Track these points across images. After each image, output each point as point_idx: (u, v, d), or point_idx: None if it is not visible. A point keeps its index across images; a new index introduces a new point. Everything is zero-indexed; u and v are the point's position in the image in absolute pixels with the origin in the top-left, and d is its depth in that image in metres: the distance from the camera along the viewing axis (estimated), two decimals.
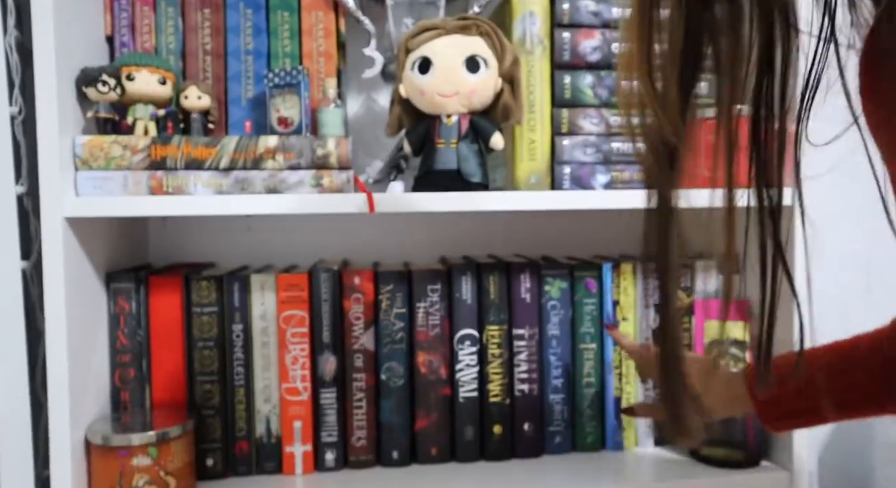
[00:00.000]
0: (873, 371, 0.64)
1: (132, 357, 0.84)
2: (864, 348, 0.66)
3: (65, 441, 0.73)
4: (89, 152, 0.75)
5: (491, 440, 0.91)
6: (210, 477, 0.85)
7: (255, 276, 0.86)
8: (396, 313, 0.88)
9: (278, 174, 0.78)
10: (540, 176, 0.87)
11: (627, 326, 0.94)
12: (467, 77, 0.79)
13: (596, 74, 0.88)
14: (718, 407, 0.72)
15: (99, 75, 0.76)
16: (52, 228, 0.72)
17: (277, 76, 0.82)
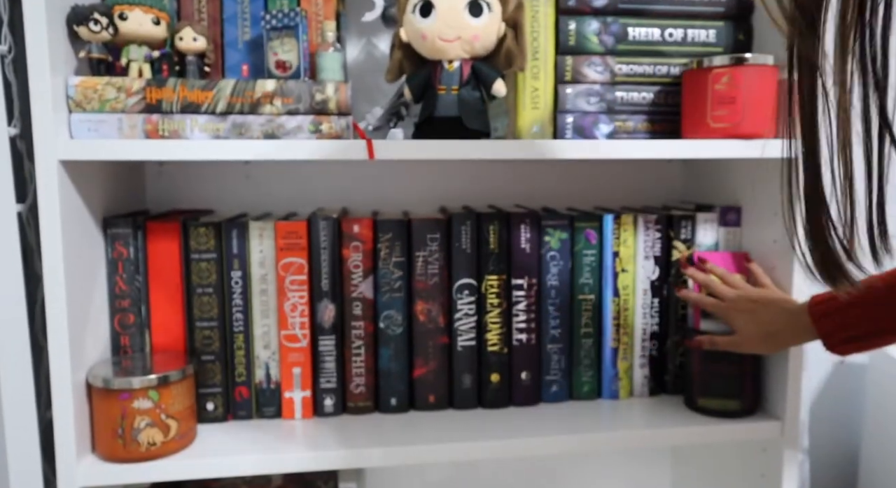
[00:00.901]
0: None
1: (131, 302, 0.84)
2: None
3: (66, 383, 0.73)
4: (82, 94, 0.74)
5: (488, 388, 0.92)
6: (211, 421, 0.87)
7: (253, 223, 0.86)
8: (395, 262, 0.88)
9: (276, 119, 0.77)
10: (542, 125, 0.86)
11: (627, 278, 0.94)
12: (470, 21, 0.77)
13: (602, 20, 0.85)
14: (788, 340, 0.81)
15: (90, 14, 0.74)
16: (47, 171, 0.71)
17: (275, 18, 0.80)
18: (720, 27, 0.88)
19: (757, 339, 0.83)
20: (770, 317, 0.82)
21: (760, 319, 0.82)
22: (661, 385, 0.98)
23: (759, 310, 0.83)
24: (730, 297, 0.86)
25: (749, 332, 0.83)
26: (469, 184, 1.08)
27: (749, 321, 0.83)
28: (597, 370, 0.95)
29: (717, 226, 0.97)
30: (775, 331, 0.81)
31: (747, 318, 0.83)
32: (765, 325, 0.82)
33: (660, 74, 0.88)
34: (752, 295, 0.85)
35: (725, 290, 0.87)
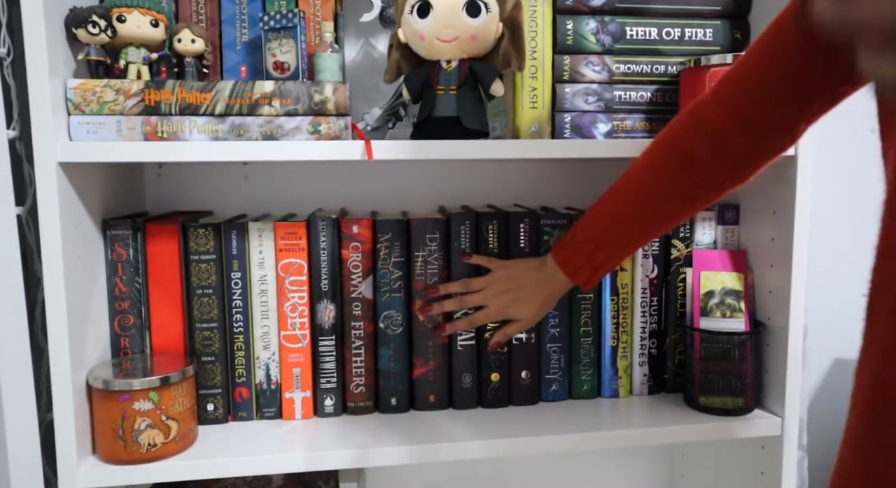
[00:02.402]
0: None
1: (131, 304, 0.84)
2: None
3: (66, 385, 0.73)
4: (81, 96, 0.74)
5: (488, 387, 0.93)
6: (211, 422, 0.87)
7: (252, 224, 0.86)
8: (395, 262, 0.88)
9: (275, 120, 0.77)
10: (541, 124, 0.86)
11: (625, 277, 0.94)
12: (468, 21, 0.77)
13: (599, 20, 0.86)
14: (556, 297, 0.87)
15: (89, 16, 0.74)
16: (46, 173, 0.71)
17: (273, 19, 0.80)
18: (717, 26, 0.88)
19: (538, 315, 0.88)
20: (533, 292, 0.86)
21: (527, 299, 0.86)
22: (661, 383, 0.98)
23: (519, 292, 0.86)
24: (489, 298, 0.86)
25: (529, 315, 0.87)
26: (468, 184, 1.08)
27: (521, 307, 0.86)
28: (596, 369, 0.96)
29: (716, 224, 0.97)
30: (545, 300, 0.86)
31: (519, 306, 0.86)
32: (533, 301, 0.86)
33: (657, 73, 0.88)
34: (502, 281, 0.87)
35: (478, 297, 0.87)
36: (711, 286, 0.93)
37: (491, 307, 0.87)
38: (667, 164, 0.74)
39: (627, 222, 0.78)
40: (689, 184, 0.74)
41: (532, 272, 0.86)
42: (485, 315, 0.87)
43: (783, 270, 0.88)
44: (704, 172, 0.72)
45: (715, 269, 0.94)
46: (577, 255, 0.81)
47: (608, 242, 0.79)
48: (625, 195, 0.77)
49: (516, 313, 0.87)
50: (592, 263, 0.80)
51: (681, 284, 0.96)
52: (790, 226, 0.86)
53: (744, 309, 0.91)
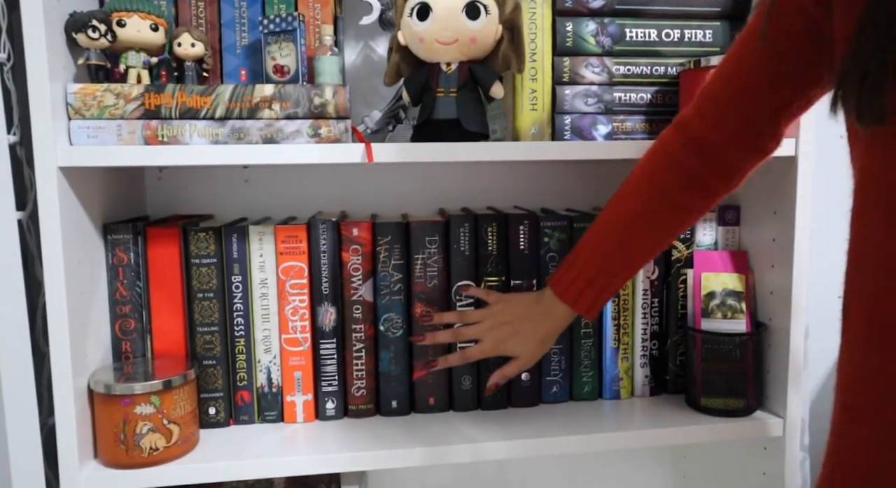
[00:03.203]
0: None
1: (132, 308, 0.84)
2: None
3: (68, 389, 0.73)
4: (81, 101, 0.74)
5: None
6: (213, 426, 0.87)
7: (253, 228, 0.86)
8: (395, 264, 0.88)
9: (275, 123, 0.77)
10: (540, 126, 0.86)
11: None
12: (467, 23, 0.77)
13: (599, 22, 0.86)
14: (556, 331, 0.82)
15: (88, 21, 0.74)
16: (47, 178, 0.71)
17: (272, 22, 0.80)
18: (717, 27, 0.88)
19: (537, 352, 0.83)
20: (532, 326, 0.82)
21: (526, 334, 0.82)
22: (662, 384, 0.98)
23: (518, 325, 0.82)
24: (485, 331, 0.83)
25: (527, 351, 0.82)
26: (467, 186, 1.08)
27: (519, 342, 0.82)
28: (597, 370, 0.96)
29: (716, 225, 0.97)
30: (544, 335, 0.82)
31: (517, 341, 0.82)
32: (532, 336, 0.82)
33: (657, 75, 0.88)
34: (499, 314, 0.84)
35: (474, 330, 0.84)
36: (712, 287, 0.93)
37: (487, 341, 0.83)
38: (660, 180, 0.74)
39: (628, 242, 0.76)
40: (684, 196, 0.74)
41: (531, 305, 0.82)
42: (480, 350, 0.84)
43: (784, 271, 0.88)
44: (698, 184, 0.73)
45: (716, 270, 0.94)
46: (577, 282, 0.78)
47: (610, 265, 0.77)
48: (622, 215, 0.76)
49: (514, 348, 0.83)
50: (595, 289, 0.78)
51: (682, 285, 0.96)
52: (791, 226, 0.86)
53: (745, 310, 0.91)
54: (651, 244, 0.78)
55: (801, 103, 0.67)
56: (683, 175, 0.73)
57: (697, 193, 0.74)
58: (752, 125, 0.69)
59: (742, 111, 0.68)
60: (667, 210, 0.75)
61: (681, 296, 0.96)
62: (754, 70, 0.66)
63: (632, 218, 0.76)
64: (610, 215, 0.77)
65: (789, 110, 0.68)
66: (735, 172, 0.73)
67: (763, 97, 0.67)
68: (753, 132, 0.70)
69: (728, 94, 0.68)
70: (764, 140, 0.71)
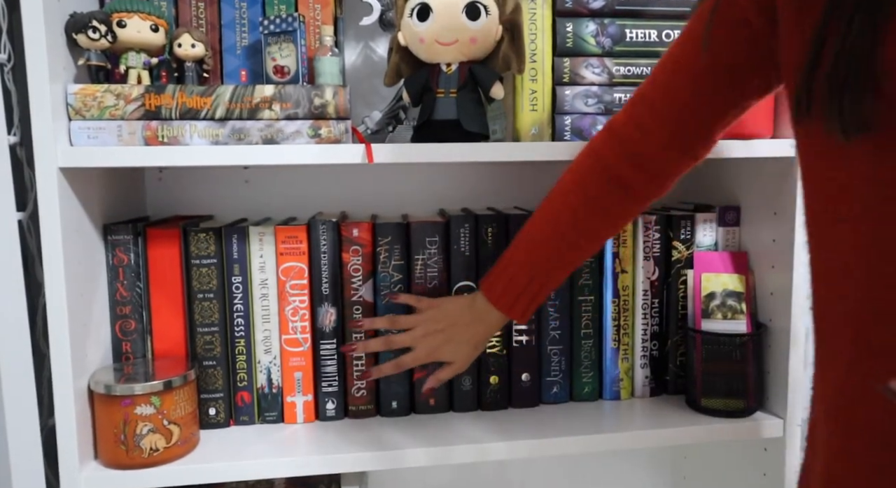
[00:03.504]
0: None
1: (132, 308, 0.84)
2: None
3: (68, 390, 0.73)
4: (82, 101, 0.74)
5: (488, 390, 0.92)
6: (213, 426, 0.87)
7: (253, 228, 0.86)
8: (395, 265, 0.88)
9: (275, 124, 0.77)
10: (541, 126, 0.86)
11: (626, 278, 0.94)
12: (467, 24, 0.77)
13: (599, 22, 0.86)
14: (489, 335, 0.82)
15: (89, 21, 0.74)
16: (47, 179, 0.71)
17: (273, 23, 0.80)
18: None
19: (471, 357, 0.82)
20: (465, 332, 0.80)
21: (460, 340, 0.81)
22: (663, 385, 0.98)
23: (450, 331, 0.81)
24: (417, 338, 0.82)
25: (461, 357, 0.81)
26: (468, 187, 1.08)
27: (453, 348, 0.81)
28: (597, 371, 0.96)
29: (717, 226, 0.97)
30: (478, 340, 0.81)
31: (450, 347, 0.81)
32: (466, 342, 0.81)
33: None
34: (431, 321, 0.82)
35: (406, 337, 0.83)
36: (713, 288, 0.93)
37: (420, 349, 0.82)
38: (591, 186, 0.73)
39: (560, 246, 0.75)
40: (614, 202, 0.73)
41: (463, 311, 0.81)
42: (414, 358, 0.82)
43: (784, 272, 0.88)
44: (628, 190, 0.73)
45: (716, 271, 0.94)
46: (511, 287, 0.77)
47: (543, 269, 0.76)
48: (552, 221, 0.75)
49: (448, 355, 0.81)
50: (529, 293, 0.77)
51: (682, 286, 0.96)
52: (791, 227, 0.86)
53: (745, 310, 0.91)
54: (582, 249, 0.77)
55: (736, 112, 0.67)
56: (613, 181, 0.72)
57: (628, 199, 0.74)
58: (687, 132, 0.69)
59: (677, 119, 0.68)
60: (596, 216, 0.74)
61: (681, 297, 0.96)
62: (692, 78, 0.65)
63: (562, 224, 0.75)
64: (540, 221, 0.76)
65: (725, 118, 0.68)
66: (666, 178, 0.73)
67: (699, 105, 0.66)
68: (687, 139, 0.69)
69: (663, 100, 0.68)
70: (697, 147, 0.71)
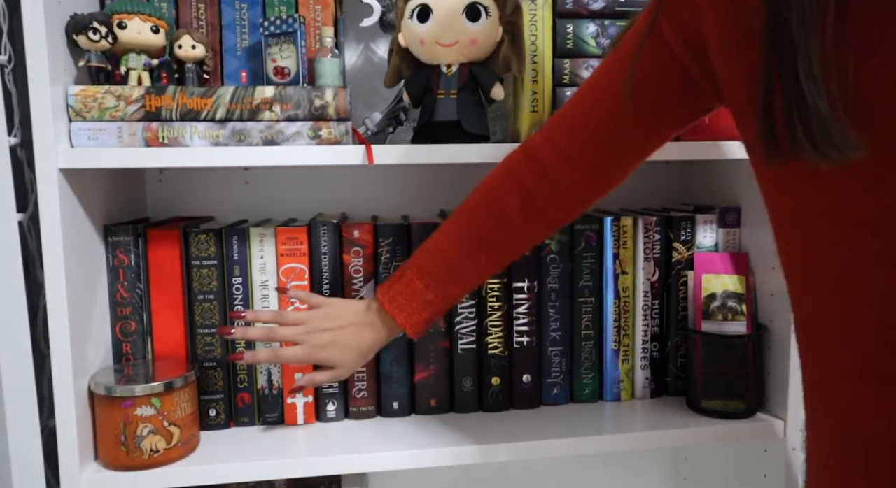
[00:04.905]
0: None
1: (133, 309, 0.84)
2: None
3: (68, 391, 0.73)
4: (82, 103, 0.74)
5: (489, 391, 0.92)
6: (213, 427, 0.87)
7: (254, 229, 0.86)
8: (396, 266, 0.88)
9: (275, 125, 0.77)
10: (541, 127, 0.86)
11: (627, 280, 0.94)
12: (468, 25, 0.77)
13: (599, 23, 0.86)
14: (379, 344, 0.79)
15: (89, 23, 0.74)
16: (48, 180, 0.71)
17: (273, 24, 0.81)
18: None
19: (356, 364, 0.79)
20: (354, 337, 0.77)
21: (346, 344, 0.77)
22: (663, 386, 0.98)
23: (338, 333, 0.77)
24: (302, 335, 0.77)
25: (345, 362, 0.77)
26: (469, 188, 1.08)
27: (338, 352, 0.77)
28: (598, 372, 0.96)
29: (717, 227, 0.97)
30: (366, 348, 0.78)
31: (335, 350, 0.77)
32: (354, 347, 0.77)
33: None
34: (320, 319, 0.78)
35: (290, 331, 0.77)
36: (713, 289, 0.93)
37: (304, 346, 0.77)
38: (502, 204, 0.72)
39: (458, 259, 0.73)
40: (524, 222, 0.72)
41: (357, 315, 0.77)
42: (294, 354, 0.77)
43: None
44: (540, 212, 0.71)
45: (716, 272, 0.94)
46: (403, 293, 0.75)
47: (438, 279, 0.74)
48: (457, 231, 0.74)
49: (331, 357, 0.77)
50: (419, 301, 0.74)
51: (682, 287, 0.96)
52: None
53: (745, 311, 0.91)
54: (481, 265, 0.74)
55: (654, 142, 0.67)
56: (526, 202, 0.71)
57: (538, 221, 0.72)
58: (603, 160, 0.67)
59: (594, 146, 0.67)
60: (504, 235, 0.73)
61: (681, 298, 0.96)
62: (613, 108, 0.64)
63: (468, 240, 0.73)
64: (444, 232, 0.75)
65: (642, 149, 0.67)
66: (580, 203, 0.72)
67: (619, 135, 0.65)
68: (603, 167, 0.68)
69: (584, 128, 0.66)
70: (612, 175, 0.70)
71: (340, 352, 0.77)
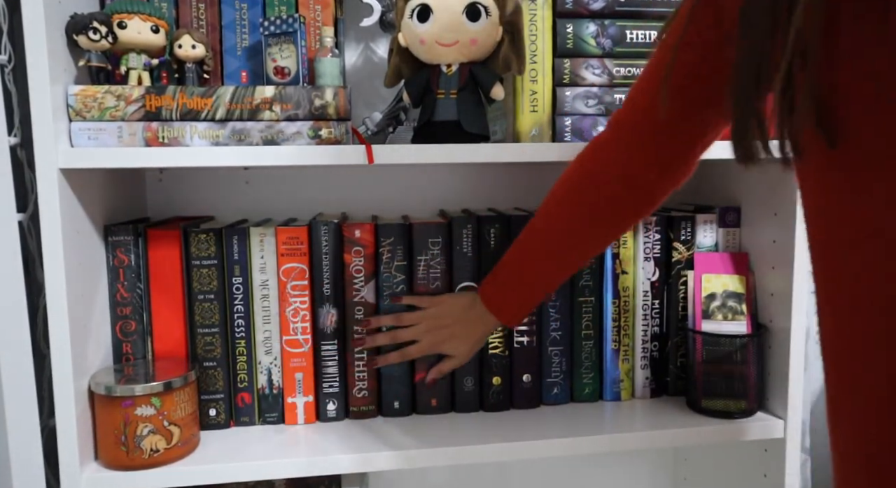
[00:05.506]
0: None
1: (133, 309, 0.84)
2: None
3: (68, 391, 0.73)
4: (82, 102, 0.74)
5: (490, 391, 0.92)
6: (213, 427, 0.87)
7: (254, 229, 0.86)
8: (397, 266, 0.88)
9: (275, 125, 0.77)
10: (541, 127, 0.86)
11: (627, 280, 0.94)
12: (468, 25, 0.77)
13: (599, 23, 0.86)
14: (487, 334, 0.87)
15: (89, 22, 0.74)
16: (48, 180, 0.71)
17: (273, 24, 0.81)
18: None
19: (471, 352, 0.88)
20: (465, 330, 0.86)
21: (461, 336, 0.86)
22: (663, 386, 0.98)
23: (453, 328, 0.86)
24: (421, 333, 0.87)
25: (462, 352, 0.87)
26: (468, 188, 1.08)
27: (455, 343, 0.86)
28: (598, 372, 0.96)
29: (717, 226, 0.97)
30: (477, 338, 0.86)
31: (453, 342, 0.86)
32: (466, 338, 0.86)
33: None
34: (434, 318, 0.87)
35: (410, 332, 0.87)
36: (713, 288, 0.93)
37: (424, 342, 0.87)
38: (579, 202, 0.75)
39: (545, 259, 0.79)
40: (602, 220, 0.76)
41: (464, 310, 0.85)
42: (418, 349, 0.87)
43: (785, 272, 0.88)
44: (616, 207, 0.74)
45: (716, 272, 0.94)
46: (499, 296, 0.82)
47: (533, 276, 0.80)
48: (541, 233, 0.79)
49: (450, 349, 0.87)
50: (516, 303, 0.82)
51: (682, 287, 0.96)
52: (791, 228, 0.86)
53: (746, 311, 0.91)
54: (568, 264, 0.80)
55: (714, 134, 0.69)
56: (602, 197, 0.74)
57: (615, 215, 0.76)
58: (668, 153, 0.70)
59: (656, 140, 0.69)
60: (586, 229, 0.77)
61: (681, 298, 0.96)
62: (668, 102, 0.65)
63: (551, 236, 0.78)
64: (533, 229, 0.79)
65: (703, 140, 0.69)
66: (654, 197, 0.75)
67: (678, 128, 0.67)
68: (672, 162, 0.71)
69: (644, 123, 0.69)
70: (683, 168, 0.72)
71: (457, 344, 0.87)
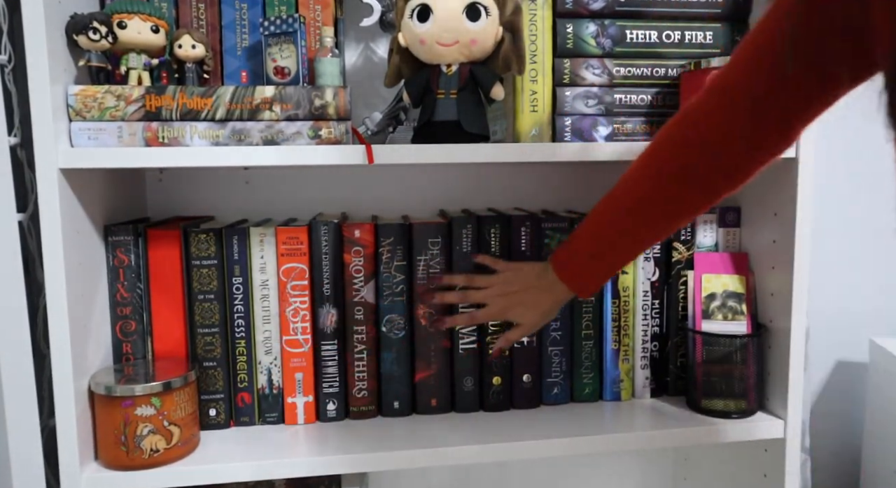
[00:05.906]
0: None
1: (133, 309, 0.84)
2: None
3: (68, 391, 0.73)
4: (82, 102, 0.74)
5: (490, 391, 0.92)
6: (213, 427, 0.87)
7: (254, 229, 0.86)
8: (397, 265, 0.88)
9: (275, 125, 0.77)
10: (541, 127, 0.86)
11: (626, 279, 0.94)
12: (468, 25, 0.77)
13: (599, 23, 0.86)
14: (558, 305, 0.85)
15: (89, 22, 0.74)
16: (48, 180, 0.71)
17: (273, 24, 0.81)
18: (717, 28, 0.88)
19: (539, 322, 0.86)
20: (535, 298, 0.84)
21: (530, 304, 0.84)
22: (663, 386, 0.98)
23: (523, 295, 0.84)
24: (491, 296, 0.86)
25: (530, 320, 0.85)
26: (468, 188, 1.08)
27: (523, 311, 0.84)
28: (598, 372, 0.96)
29: (717, 226, 0.97)
30: (547, 308, 0.84)
31: (521, 309, 0.84)
32: (536, 307, 0.84)
33: (658, 76, 0.88)
34: (506, 283, 0.86)
35: (481, 294, 0.86)
36: (713, 288, 0.93)
37: (493, 306, 0.85)
38: (660, 175, 0.72)
39: (621, 232, 0.76)
40: (683, 193, 0.72)
41: (537, 278, 0.83)
42: (486, 313, 0.86)
43: (785, 272, 0.88)
44: (698, 182, 0.70)
45: (716, 272, 0.94)
46: (572, 264, 0.80)
47: (603, 252, 0.77)
48: (619, 204, 0.75)
49: (518, 316, 0.85)
50: (589, 272, 0.79)
51: (682, 287, 0.96)
52: (791, 228, 0.86)
53: (745, 311, 0.91)
54: (645, 239, 0.76)
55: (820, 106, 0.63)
56: (683, 173, 0.70)
57: (697, 193, 0.71)
58: (763, 128, 0.65)
59: (752, 113, 0.64)
60: (662, 208, 0.73)
61: (681, 298, 0.96)
62: (774, 70, 0.61)
63: (627, 212, 0.74)
64: (607, 204, 0.76)
65: (808, 113, 0.63)
66: (739, 173, 0.70)
67: (780, 99, 0.62)
68: (765, 133, 0.65)
69: (743, 92, 0.64)
70: (775, 142, 0.67)
71: (525, 312, 0.84)
